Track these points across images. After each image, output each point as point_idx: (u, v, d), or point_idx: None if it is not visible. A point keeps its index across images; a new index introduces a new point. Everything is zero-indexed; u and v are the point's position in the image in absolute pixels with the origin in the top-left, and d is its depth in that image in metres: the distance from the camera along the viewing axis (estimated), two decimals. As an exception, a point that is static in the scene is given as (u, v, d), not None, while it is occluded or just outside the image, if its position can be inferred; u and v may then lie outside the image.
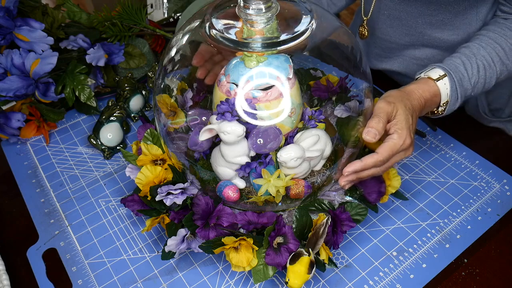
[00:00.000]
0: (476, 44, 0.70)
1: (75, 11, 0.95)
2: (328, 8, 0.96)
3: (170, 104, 0.70)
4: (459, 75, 0.68)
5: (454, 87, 0.67)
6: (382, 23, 0.86)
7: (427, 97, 0.66)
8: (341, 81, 0.77)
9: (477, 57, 0.69)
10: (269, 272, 0.61)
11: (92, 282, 0.66)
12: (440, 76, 0.67)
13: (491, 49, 0.69)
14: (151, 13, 1.22)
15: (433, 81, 0.67)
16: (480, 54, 0.69)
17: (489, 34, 0.71)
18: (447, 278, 0.65)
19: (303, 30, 0.58)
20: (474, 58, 0.69)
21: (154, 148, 0.72)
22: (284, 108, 0.61)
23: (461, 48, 0.72)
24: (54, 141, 0.88)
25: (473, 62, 0.68)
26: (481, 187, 0.76)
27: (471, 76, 0.68)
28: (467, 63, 0.68)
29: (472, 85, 0.69)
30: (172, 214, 0.65)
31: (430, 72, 0.68)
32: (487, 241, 0.69)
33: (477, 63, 0.68)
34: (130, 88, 0.88)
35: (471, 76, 0.68)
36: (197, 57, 0.66)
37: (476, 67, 0.68)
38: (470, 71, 0.68)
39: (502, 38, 0.70)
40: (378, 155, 0.61)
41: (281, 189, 0.62)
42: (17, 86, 0.80)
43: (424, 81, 0.68)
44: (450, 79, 0.67)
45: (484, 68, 0.69)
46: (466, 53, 0.69)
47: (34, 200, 0.77)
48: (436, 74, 0.68)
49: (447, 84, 0.67)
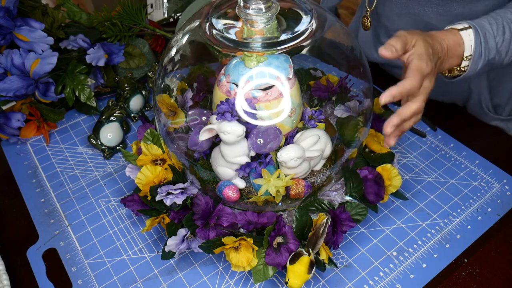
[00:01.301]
0: (503, 9, 0.68)
1: (75, 11, 0.95)
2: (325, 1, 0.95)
3: (170, 104, 0.70)
4: (484, 30, 0.65)
5: (478, 41, 0.65)
6: (390, 11, 0.86)
7: (450, 44, 0.64)
8: (341, 81, 0.77)
9: (504, 19, 0.67)
10: (269, 272, 0.61)
11: (92, 282, 0.66)
12: (465, 27, 0.66)
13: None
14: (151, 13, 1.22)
15: (457, 30, 0.65)
16: (507, 17, 0.67)
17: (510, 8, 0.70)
18: (447, 278, 0.65)
19: (303, 30, 0.58)
20: (500, 19, 0.67)
21: (154, 148, 0.72)
22: (284, 108, 0.61)
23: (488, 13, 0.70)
24: (54, 141, 0.88)
25: (499, 22, 0.66)
26: (481, 187, 0.76)
27: (495, 34, 0.66)
28: (492, 22, 0.66)
29: (496, 44, 0.66)
30: (172, 214, 0.65)
31: (455, 25, 0.66)
32: (487, 241, 0.69)
33: (503, 24, 0.66)
34: (130, 88, 0.88)
35: (496, 35, 0.66)
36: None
37: (502, 27, 0.66)
38: (496, 29, 0.66)
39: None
40: (410, 79, 0.57)
41: (281, 189, 0.62)
42: (17, 86, 0.80)
43: (447, 30, 0.66)
44: (474, 31, 0.65)
45: (510, 30, 0.67)
46: (493, 15, 0.67)
47: (34, 200, 0.77)
48: (461, 25, 0.66)
49: (471, 35, 0.65)
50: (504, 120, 0.89)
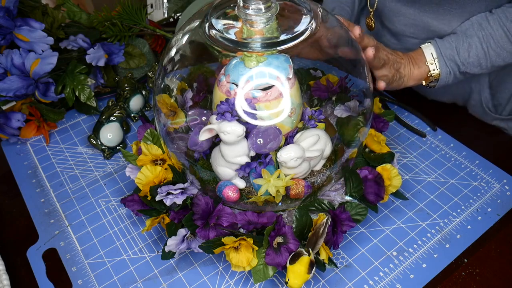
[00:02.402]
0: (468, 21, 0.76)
1: (75, 11, 0.95)
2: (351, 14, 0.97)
3: (170, 104, 0.70)
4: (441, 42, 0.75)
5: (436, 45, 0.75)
6: (389, 11, 0.86)
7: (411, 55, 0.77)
8: (341, 81, 0.77)
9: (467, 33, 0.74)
10: (269, 272, 0.61)
11: (92, 282, 0.66)
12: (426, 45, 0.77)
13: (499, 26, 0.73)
14: (151, 13, 1.22)
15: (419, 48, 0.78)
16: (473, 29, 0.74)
17: (493, 16, 0.74)
18: (447, 278, 0.65)
19: (303, 30, 0.58)
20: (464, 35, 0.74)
21: (154, 148, 0.72)
22: (284, 108, 0.61)
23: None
24: (54, 141, 0.88)
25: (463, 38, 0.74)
26: (481, 187, 0.76)
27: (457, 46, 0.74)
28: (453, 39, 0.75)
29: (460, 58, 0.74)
30: (172, 214, 0.65)
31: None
32: (487, 241, 0.69)
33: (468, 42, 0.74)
34: (130, 88, 0.88)
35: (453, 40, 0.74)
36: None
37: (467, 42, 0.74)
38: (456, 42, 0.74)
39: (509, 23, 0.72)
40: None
41: (281, 189, 0.62)
42: (17, 86, 0.80)
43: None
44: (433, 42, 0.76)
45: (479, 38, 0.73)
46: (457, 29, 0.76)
47: (34, 200, 0.77)
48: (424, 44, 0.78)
49: (429, 46, 0.76)
50: (505, 120, 0.89)
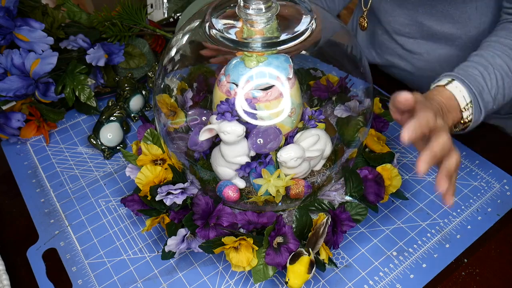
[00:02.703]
0: (490, 52, 0.66)
1: (75, 11, 0.95)
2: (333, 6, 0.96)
3: (170, 104, 0.70)
4: (479, 87, 0.62)
5: (475, 100, 0.62)
6: (384, 11, 0.86)
7: (442, 100, 0.60)
8: (341, 81, 0.77)
9: (494, 66, 0.64)
10: (269, 272, 0.61)
11: (92, 282, 0.66)
12: (449, 81, 0.62)
13: (507, 56, 0.65)
14: (151, 13, 1.22)
15: (443, 87, 0.62)
16: (496, 64, 0.64)
17: (501, 40, 0.67)
18: (447, 278, 0.65)
19: (303, 30, 0.58)
20: (491, 67, 0.64)
21: (154, 148, 0.72)
22: (284, 108, 0.61)
23: (474, 56, 0.67)
24: (54, 141, 0.88)
25: (491, 71, 0.64)
26: (481, 187, 0.76)
27: (490, 88, 0.63)
28: (485, 74, 0.63)
29: (492, 97, 0.64)
30: (172, 214, 0.65)
31: (439, 82, 0.64)
32: (487, 241, 0.69)
33: (495, 73, 0.64)
34: (130, 88, 0.88)
35: (491, 88, 0.63)
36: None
37: (495, 77, 0.64)
38: (489, 82, 0.63)
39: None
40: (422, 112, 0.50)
41: (281, 189, 0.62)
42: (17, 86, 0.80)
43: (434, 89, 0.63)
44: (460, 82, 0.62)
45: (502, 78, 0.64)
46: (482, 63, 0.65)
47: (34, 200, 0.77)
48: (444, 81, 0.63)
49: (458, 86, 0.62)
50: (503, 118, 0.89)
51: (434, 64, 0.86)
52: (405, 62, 0.90)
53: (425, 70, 0.88)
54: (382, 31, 0.91)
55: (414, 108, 0.51)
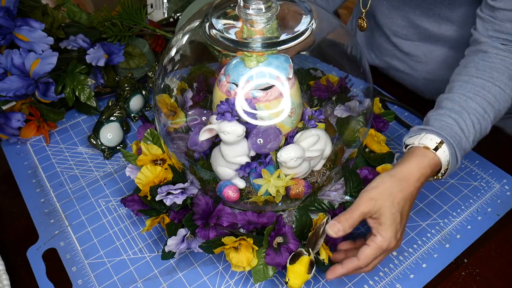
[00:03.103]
0: (462, 96, 0.62)
1: (75, 11, 0.95)
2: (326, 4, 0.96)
3: (170, 104, 0.70)
4: (457, 138, 0.60)
5: (453, 152, 0.59)
6: (382, 13, 0.86)
7: (427, 174, 0.58)
8: (341, 81, 0.77)
9: (469, 111, 0.61)
10: (269, 272, 0.61)
11: (92, 282, 0.66)
12: (438, 144, 0.59)
13: (481, 98, 0.62)
14: (151, 13, 1.22)
15: (432, 151, 0.58)
16: (470, 108, 0.61)
17: (473, 80, 0.63)
18: (447, 278, 0.65)
19: (303, 30, 0.58)
20: (466, 113, 0.61)
21: (154, 148, 0.72)
22: (284, 108, 0.61)
23: (445, 101, 0.63)
24: (54, 141, 0.88)
25: (466, 118, 0.60)
26: (481, 187, 0.76)
27: (468, 135, 0.60)
28: (460, 122, 0.60)
29: (470, 144, 0.61)
30: (172, 214, 0.65)
31: (424, 140, 0.59)
32: (487, 241, 0.69)
33: (470, 118, 0.61)
34: (130, 88, 0.88)
35: (469, 135, 0.61)
36: None
37: (471, 123, 0.61)
38: (467, 130, 0.60)
39: (488, 82, 0.62)
40: (359, 262, 0.54)
41: (281, 189, 0.62)
42: (17, 86, 0.80)
43: (421, 153, 0.59)
44: (448, 145, 0.59)
45: (478, 122, 0.61)
46: (455, 109, 0.61)
47: (34, 200, 0.77)
48: (433, 142, 0.59)
49: (446, 151, 0.59)
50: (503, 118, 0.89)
51: (431, 66, 0.86)
52: (403, 64, 0.90)
53: (423, 72, 0.88)
54: (380, 33, 0.91)
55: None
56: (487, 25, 0.66)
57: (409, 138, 0.62)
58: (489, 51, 0.65)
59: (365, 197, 0.55)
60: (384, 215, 0.54)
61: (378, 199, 0.55)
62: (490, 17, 0.66)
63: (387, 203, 0.54)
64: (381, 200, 0.54)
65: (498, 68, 0.63)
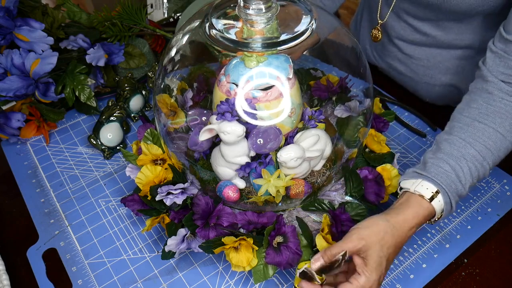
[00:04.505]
0: (461, 141, 0.61)
1: (75, 11, 0.95)
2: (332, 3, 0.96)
3: (170, 104, 0.70)
4: (453, 187, 0.58)
5: (448, 201, 0.58)
6: (391, 20, 0.86)
7: (421, 223, 0.58)
8: (341, 81, 0.77)
9: (467, 158, 0.59)
10: (269, 272, 0.62)
11: (92, 282, 0.66)
12: (433, 193, 0.58)
13: (480, 144, 0.60)
14: (151, 13, 1.22)
15: (427, 201, 0.58)
16: (469, 154, 0.60)
17: (475, 124, 0.61)
18: (447, 278, 0.65)
19: (303, 30, 0.58)
20: (464, 160, 0.59)
21: (154, 148, 0.72)
22: (284, 108, 0.61)
23: (445, 143, 0.62)
24: (54, 141, 0.88)
25: (464, 165, 0.59)
26: (481, 187, 0.76)
27: (464, 183, 0.59)
28: (458, 170, 0.59)
29: (467, 191, 0.60)
30: (172, 214, 0.65)
31: (420, 188, 0.58)
32: (487, 241, 0.69)
33: (468, 166, 0.59)
34: (130, 88, 0.88)
35: (465, 183, 0.59)
36: None
37: (468, 171, 0.59)
38: (463, 178, 0.59)
39: (490, 128, 0.61)
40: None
41: (281, 189, 0.62)
42: (17, 86, 0.80)
43: (417, 203, 0.58)
44: (444, 195, 0.58)
45: (476, 169, 0.60)
46: (454, 154, 0.60)
47: (34, 200, 0.77)
48: (429, 192, 0.58)
49: (441, 201, 0.58)
50: None
51: (433, 70, 0.86)
52: (405, 67, 0.90)
53: (424, 76, 0.88)
54: (384, 35, 0.91)
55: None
56: (498, 60, 0.63)
57: (404, 181, 0.61)
58: (495, 94, 0.62)
59: (356, 235, 0.54)
60: (372, 258, 0.53)
61: (368, 240, 0.54)
62: (503, 52, 0.62)
63: (377, 246, 0.53)
64: (371, 242, 0.53)
65: (502, 113, 0.61)
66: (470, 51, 0.81)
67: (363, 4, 1.00)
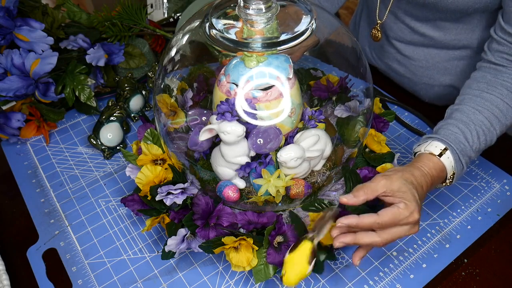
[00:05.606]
0: (471, 108, 0.66)
1: (75, 11, 0.95)
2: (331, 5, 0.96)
3: (170, 104, 0.70)
4: (461, 146, 0.63)
5: (457, 159, 0.62)
6: (390, 21, 0.86)
7: (434, 175, 0.61)
8: (341, 81, 0.77)
9: (475, 123, 0.64)
10: (270, 272, 0.61)
11: (92, 282, 0.66)
12: (442, 150, 0.62)
13: (489, 112, 0.65)
14: (151, 13, 1.22)
15: (436, 157, 0.62)
16: (478, 120, 0.65)
17: (484, 95, 0.66)
18: (447, 278, 0.65)
19: (303, 30, 0.58)
20: (472, 124, 0.64)
21: (154, 148, 0.72)
22: (284, 108, 0.61)
23: (455, 112, 0.66)
24: (54, 141, 0.88)
25: (472, 129, 0.64)
26: (481, 187, 0.76)
27: (472, 144, 0.64)
28: (466, 132, 0.64)
29: (475, 153, 0.65)
30: (172, 214, 0.65)
31: (430, 147, 0.63)
32: (487, 241, 0.69)
33: (476, 130, 0.64)
34: (130, 88, 0.88)
35: (472, 144, 0.64)
36: None
37: (476, 134, 0.64)
38: (471, 139, 0.64)
39: (498, 98, 0.66)
40: (378, 216, 0.54)
41: (281, 189, 0.62)
42: (17, 86, 0.80)
43: (427, 157, 0.62)
44: (452, 152, 0.62)
45: (484, 133, 0.64)
46: (463, 120, 0.65)
47: (34, 200, 0.77)
48: (437, 149, 0.62)
49: (450, 158, 0.62)
50: None
51: (432, 71, 0.87)
52: (404, 68, 0.90)
53: (423, 77, 0.88)
54: (385, 37, 0.91)
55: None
56: (502, 47, 0.68)
57: (417, 146, 0.66)
58: (502, 71, 0.68)
59: (380, 176, 0.57)
60: (403, 191, 0.56)
61: (393, 178, 0.57)
62: (505, 41, 0.68)
63: (402, 181, 0.57)
64: (396, 180, 0.57)
65: (508, 86, 0.66)
66: (468, 51, 0.81)
67: (361, 4, 1.00)
